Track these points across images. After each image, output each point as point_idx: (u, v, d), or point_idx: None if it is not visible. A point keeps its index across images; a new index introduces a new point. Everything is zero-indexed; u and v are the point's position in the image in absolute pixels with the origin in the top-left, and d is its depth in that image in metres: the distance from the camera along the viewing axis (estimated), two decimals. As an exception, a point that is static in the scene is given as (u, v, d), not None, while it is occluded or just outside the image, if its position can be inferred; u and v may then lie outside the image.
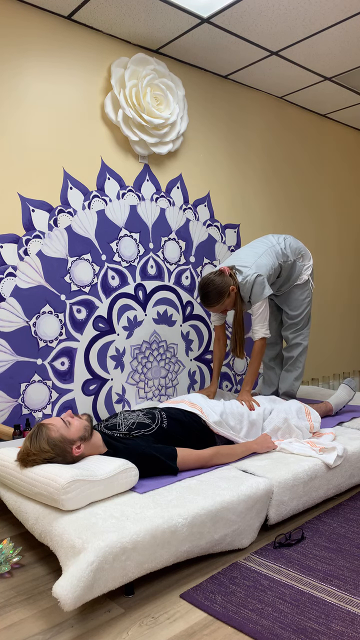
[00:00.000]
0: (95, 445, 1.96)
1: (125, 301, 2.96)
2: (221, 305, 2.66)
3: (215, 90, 3.44)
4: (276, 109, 3.86)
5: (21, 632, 1.45)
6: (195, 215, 3.33)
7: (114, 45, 2.91)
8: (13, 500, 1.86)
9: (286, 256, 2.85)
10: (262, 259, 2.74)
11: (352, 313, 4.61)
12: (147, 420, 2.16)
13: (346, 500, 2.27)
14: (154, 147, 3.04)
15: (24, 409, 2.56)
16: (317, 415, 2.53)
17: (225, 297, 2.64)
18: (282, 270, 2.86)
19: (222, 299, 2.63)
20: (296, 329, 3.02)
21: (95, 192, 2.84)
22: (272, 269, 2.75)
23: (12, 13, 2.53)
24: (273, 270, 2.76)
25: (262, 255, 2.76)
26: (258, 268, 2.69)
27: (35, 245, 2.60)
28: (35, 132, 2.62)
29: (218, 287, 2.62)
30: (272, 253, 2.80)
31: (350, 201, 4.56)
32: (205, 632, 1.42)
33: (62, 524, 1.59)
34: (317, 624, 1.42)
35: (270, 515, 1.94)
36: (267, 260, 2.74)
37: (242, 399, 2.54)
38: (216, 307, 2.67)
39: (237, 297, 2.69)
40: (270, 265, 2.74)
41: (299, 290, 2.98)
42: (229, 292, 2.64)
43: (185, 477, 1.97)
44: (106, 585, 1.47)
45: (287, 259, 2.86)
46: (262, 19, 2.76)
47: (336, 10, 2.70)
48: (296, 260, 2.91)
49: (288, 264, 2.87)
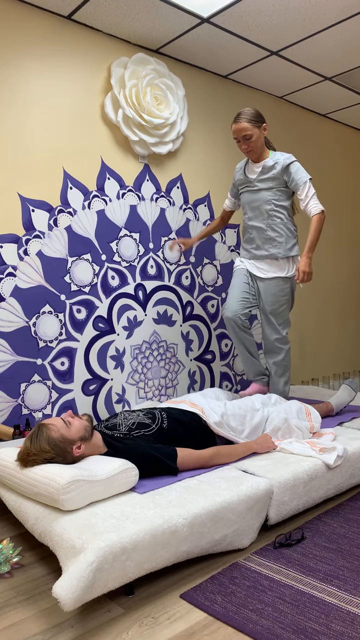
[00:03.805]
0: (95, 445, 1.96)
1: (125, 301, 2.96)
2: (251, 127, 2.66)
3: (215, 90, 3.44)
4: (276, 109, 3.86)
5: (21, 632, 1.45)
6: (195, 215, 3.33)
7: (114, 45, 2.91)
8: (13, 500, 1.86)
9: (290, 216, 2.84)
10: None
11: (352, 313, 4.61)
12: (147, 420, 2.16)
13: (346, 500, 2.27)
14: (154, 147, 3.04)
15: (24, 409, 2.56)
16: (318, 416, 2.53)
17: (260, 124, 2.69)
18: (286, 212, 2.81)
19: (257, 122, 2.67)
20: (276, 330, 2.85)
21: (95, 192, 2.84)
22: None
23: (12, 13, 2.53)
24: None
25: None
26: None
27: (35, 245, 2.60)
28: (35, 132, 2.62)
29: (257, 112, 2.70)
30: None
31: (350, 201, 4.56)
32: (205, 633, 1.42)
33: (62, 524, 1.59)
34: (317, 624, 1.42)
35: (270, 516, 1.94)
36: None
37: (304, 269, 2.63)
38: (244, 125, 2.66)
39: (262, 142, 2.74)
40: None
41: (279, 286, 2.82)
42: (264, 125, 2.71)
43: (185, 477, 1.97)
44: (106, 585, 1.47)
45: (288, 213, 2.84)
46: (262, 19, 2.76)
47: (336, 10, 2.70)
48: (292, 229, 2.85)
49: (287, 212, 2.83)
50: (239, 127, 2.67)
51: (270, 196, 2.78)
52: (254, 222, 2.85)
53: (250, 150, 2.73)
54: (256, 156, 2.77)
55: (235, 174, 2.94)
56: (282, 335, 2.86)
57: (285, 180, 2.76)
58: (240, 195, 2.92)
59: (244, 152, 2.76)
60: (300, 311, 4.09)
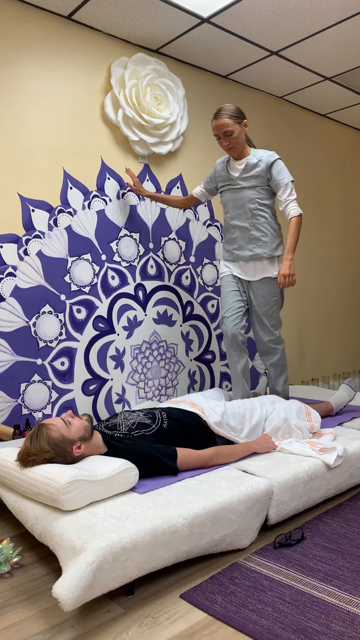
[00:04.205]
0: (95, 445, 1.96)
1: (125, 301, 2.96)
2: (232, 123, 2.60)
3: (215, 90, 3.44)
4: (276, 109, 3.86)
5: (21, 632, 1.45)
6: (195, 215, 3.33)
7: (114, 45, 2.91)
8: (13, 500, 1.86)
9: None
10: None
11: (353, 313, 4.61)
12: (147, 420, 2.16)
13: (346, 500, 2.27)
14: (154, 147, 3.04)
15: (24, 409, 2.56)
16: (317, 416, 2.53)
17: (241, 119, 2.63)
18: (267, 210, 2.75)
19: (238, 118, 2.62)
20: (269, 332, 2.81)
21: (95, 192, 2.84)
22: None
23: (12, 13, 2.53)
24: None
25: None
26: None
27: (35, 245, 2.60)
28: (35, 132, 2.62)
29: (238, 108, 2.64)
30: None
31: (350, 201, 4.56)
32: (205, 633, 1.42)
33: (62, 524, 1.59)
34: (317, 624, 1.42)
35: (270, 516, 1.94)
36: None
37: (285, 272, 2.62)
38: (225, 121, 2.60)
39: (243, 139, 2.68)
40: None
41: (269, 287, 2.78)
42: (245, 122, 2.65)
43: (185, 477, 1.97)
44: (106, 585, 1.47)
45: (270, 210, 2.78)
46: (262, 18, 2.76)
47: (336, 10, 2.70)
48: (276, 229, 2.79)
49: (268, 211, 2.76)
50: (219, 123, 2.60)
51: (254, 195, 2.72)
52: (237, 222, 2.78)
53: (231, 147, 2.67)
54: (237, 153, 2.71)
55: (216, 168, 2.83)
56: (276, 335, 2.83)
57: (268, 179, 2.72)
58: (222, 194, 2.85)
59: (225, 149, 2.69)
60: (301, 311, 4.09)
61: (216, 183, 2.86)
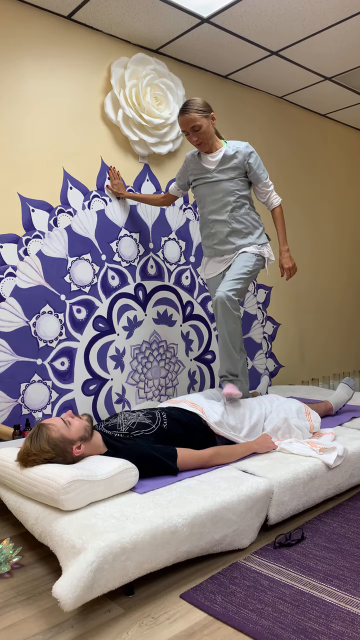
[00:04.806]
0: (95, 445, 1.96)
1: (125, 301, 2.96)
2: (200, 118, 2.50)
3: (215, 90, 3.44)
4: (276, 109, 3.86)
5: (21, 632, 1.45)
6: (196, 215, 3.33)
7: (114, 45, 2.91)
8: (13, 500, 1.86)
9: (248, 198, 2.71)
10: None
11: (352, 313, 4.61)
12: (147, 420, 2.16)
13: (346, 500, 2.27)
14: (154, 147, 3.04)
15: (24, 409, 2.56)
16: (317, 415, 2.53)
17: (208, 113, 2.54)
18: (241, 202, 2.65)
19: (205, 111, 2.53)
20: (227, 285, 2.59)
21: (95, 192, 2.84)
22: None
23: (12, 13, 2.53)
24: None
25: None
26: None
27: (35, 245, 2.60)
28: (35, 132, 2.62)
29: (204, 101, 2.56)
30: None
31: (350, 201, 4.56)
32: (205, 633, 1.42)
33: (62, 524, 1.59)
34: (317, 624, 1.42)
35: (270, 516, 1.94)
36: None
37: (288, 265, 2.65)
38: (193, 116, 2.49)
39: (212, 132, 2.59)
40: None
41: (248, 254, 2.66)
42: (212, 114, 2.57)
43: (185, 477, 1.97)
44: (106, 585, 1.47)
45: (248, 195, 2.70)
46: (262, 18, 2.76)
47: (336, 10, 2.70)
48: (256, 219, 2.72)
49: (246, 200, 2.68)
50: (186, 118, 2.50)
51: (232, 187, 2.63)
52: (215, 216, 2.66)
53: (200, 143, 2.57)
54: (208, 148, 2.62)
55: (187, 163, 2.72)
56: (232, 294, 2.53)
57: (246, 170, 2.65)
58: (195, 189, 2.73)
59: (194, 144, 2.60)
60: (300, 311, 4.09)
61: (187, 178, 2.77)
